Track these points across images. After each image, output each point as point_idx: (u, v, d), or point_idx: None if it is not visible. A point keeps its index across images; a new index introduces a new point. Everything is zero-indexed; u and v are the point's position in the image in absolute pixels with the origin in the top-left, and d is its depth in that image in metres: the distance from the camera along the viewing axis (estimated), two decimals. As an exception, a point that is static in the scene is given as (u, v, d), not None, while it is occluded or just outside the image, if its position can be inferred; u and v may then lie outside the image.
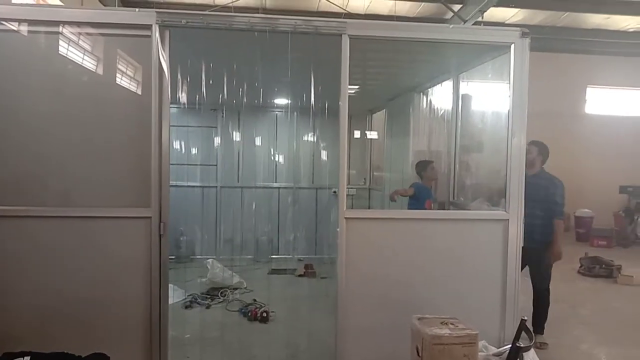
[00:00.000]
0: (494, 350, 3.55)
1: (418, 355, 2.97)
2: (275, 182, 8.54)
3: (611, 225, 11.05)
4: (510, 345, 2.64)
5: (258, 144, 8.51)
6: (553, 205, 4.63)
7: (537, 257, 4.57)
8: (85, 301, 3.41)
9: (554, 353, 4.38)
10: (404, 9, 9.66)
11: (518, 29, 3.79)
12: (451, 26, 4.02)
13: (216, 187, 8.33)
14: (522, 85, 3.79)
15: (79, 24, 3.52)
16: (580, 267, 8.00)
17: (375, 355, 3.65)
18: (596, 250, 9.27)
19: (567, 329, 5.28)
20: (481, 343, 3.34)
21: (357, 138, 8.74)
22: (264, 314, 5.21)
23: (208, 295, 6.00)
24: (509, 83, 3.81)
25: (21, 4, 4.48)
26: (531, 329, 3.45)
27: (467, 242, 3.81)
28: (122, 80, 3.76)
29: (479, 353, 3.08)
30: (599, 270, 7.72)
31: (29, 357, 2.52)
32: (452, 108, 5.28)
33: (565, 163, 12.40)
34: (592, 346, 4.82)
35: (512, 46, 3.77)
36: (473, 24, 8.58)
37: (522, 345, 2.45)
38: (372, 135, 8.76)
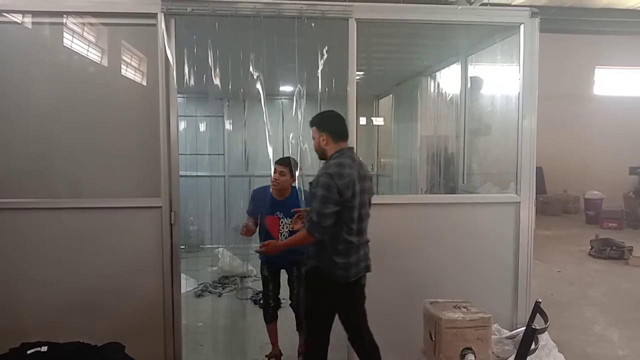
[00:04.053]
0: (506, 333, 3.55)
1: (431, 339, 2.97)
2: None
3: (621, 207, 10.96)
4: (523, 329, 2.63)
5: (264, 132, 8.44)
6: None
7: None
8: (98, 291, 3.44)
9: (566, 335, 4.37)
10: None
11: (527, 8, 3.73)
12: (459, 7, 3.96)
13: (224, 176, 8.32)
14: (532, 66, 3.74)
15: (82, 14, 3.49)
16: (591, 249, 7.97)
17: (388, 340, 3.64)
18: (606, 232, 9.21)
19: (578, 311, 5.27)
20: (494, 326, 3.34)
21: (362, 125, 8.57)
22: (275, 301, 5.21)
23: (219, 283, 6.04)
24: (519, 65, 3.76)
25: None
26: None
27: (479, 226, 3.80)
28: (129, 71, 3.74)
29: (492, 336, 3.08)
30: (609, 252, 7.67)
31: (46, 347, 2.55)
32: (461, 91, 5.23)
33: (574, 145, 12.39)
34: (604, 327, 4.81)
35: (522, 27, 3.72)
36: (480, 6, 8.45)
37: (537, 327, 2.43)
38: (378, 121, 8.67)
